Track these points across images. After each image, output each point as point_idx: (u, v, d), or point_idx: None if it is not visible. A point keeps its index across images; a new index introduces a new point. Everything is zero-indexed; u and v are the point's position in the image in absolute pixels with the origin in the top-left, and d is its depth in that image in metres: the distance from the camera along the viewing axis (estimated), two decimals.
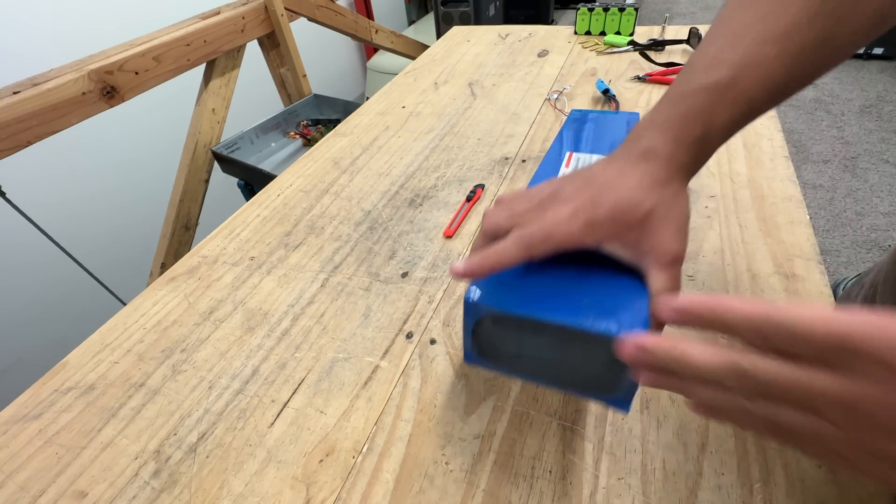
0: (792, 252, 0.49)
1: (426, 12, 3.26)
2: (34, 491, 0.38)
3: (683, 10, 3.56)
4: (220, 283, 0.56)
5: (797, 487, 0.32)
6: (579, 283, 0.27)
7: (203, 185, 1.26)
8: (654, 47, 0.96)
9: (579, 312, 0.25)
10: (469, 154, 0.73)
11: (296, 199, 0.69)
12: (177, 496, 0.36)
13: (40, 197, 1.32)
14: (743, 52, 0.29)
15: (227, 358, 0.47)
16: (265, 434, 0.40)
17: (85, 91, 0.91)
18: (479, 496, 0.34)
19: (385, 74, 2.33)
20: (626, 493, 0.33)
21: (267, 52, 1.38)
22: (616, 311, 0.24)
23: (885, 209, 1.69)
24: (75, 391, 0.45)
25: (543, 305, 0.26)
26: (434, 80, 1.00)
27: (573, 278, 0.27)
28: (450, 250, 0.56)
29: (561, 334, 0.25)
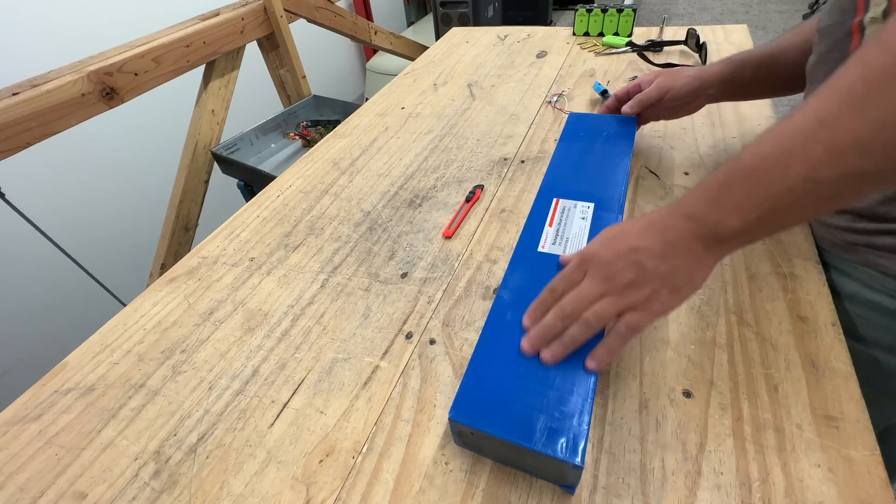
0: (790, 252, 0.49)
1: (425, 13, 3.26)
2: (34, 492, 0.38)
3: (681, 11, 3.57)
4: (220, 284, 0.56)
5: (796, 487, 0.32)
6: (542, 397, 0.34)
7: (203, 185, 1.26)
8: (652, 48, 0.97)
9: (533, 435, 0.32)
10: (468, 155, 0.74)
11: (295, 200, 0.69)
12: (177, 497, 0.36)
13: (40, 198, 1.32)
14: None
15: (227, 358, 0.47)
16: (265, 434, 0.40)
17: (84, 92, 0.91)
18: (478, 496, 0.34)
19: (384, 75, 2.33)
20: (626, 493, 0.33)
21: (266, 53, 1.39)
22: (562, 432, 0.31)
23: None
24: (75, 392, 0.45)
25: (507, 426, 0.32)
26: (433, 82, 1.00)
27: (538, 392, 0.34)
28: (449, 250, 0.56)
29: (519, 447, 0.32)
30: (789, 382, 0.38)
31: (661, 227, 0.34)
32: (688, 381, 0.39)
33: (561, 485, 0.34)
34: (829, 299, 0.44)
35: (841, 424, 0.34)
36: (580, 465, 0.30)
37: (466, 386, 0.35)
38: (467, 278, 0.52)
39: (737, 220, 0.31)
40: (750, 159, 0.31)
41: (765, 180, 0.29)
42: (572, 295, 0.35)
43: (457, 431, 0.35)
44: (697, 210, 0.33)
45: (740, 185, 0.31)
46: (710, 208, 0.32)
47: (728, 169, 0.32)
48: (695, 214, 0.33)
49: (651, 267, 0.33)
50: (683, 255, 0.33)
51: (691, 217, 0.33)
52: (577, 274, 0.36)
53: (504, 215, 0.60)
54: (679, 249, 0.33)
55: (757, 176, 0.30)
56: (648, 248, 0.33)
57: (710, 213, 0.32)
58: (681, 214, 0.33)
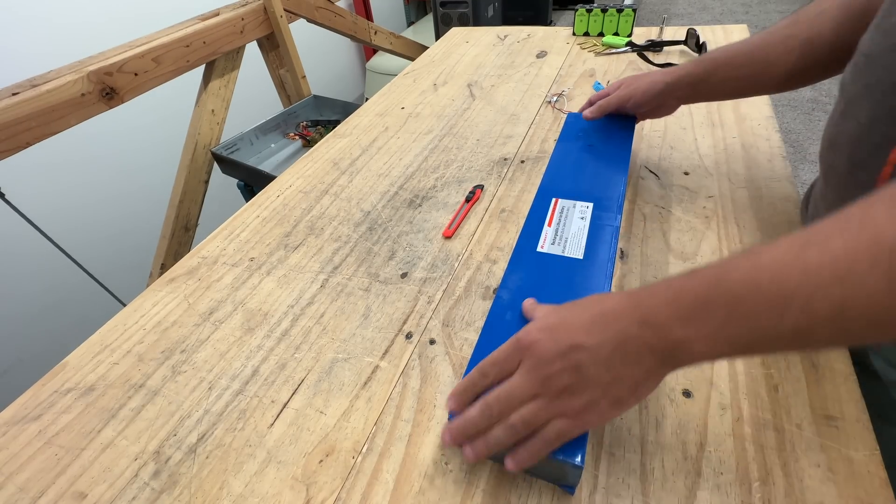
0: None
1: (425, 13, 3.26)
2: (34, 492, 0.38)
3: (681, 12, 3.57)
4: (220, 284, 0.56)
5: (795, 487, 0.32)
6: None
7: (203, 185, 1.26)
8: (652, 48, 0.97)
9: None
10: (468, 155, 0.74)
11: (295, 200, 0.69)
12: (176, 497, 0.36)
13: (40, 198, 1.32)
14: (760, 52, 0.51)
15: (226, 359, 0.47)
16: (265, 434, 0.40)
17: (84, 92, 0.91)
18: (478, 496, 0.34)
19: (384, 75, 2.33)
20: (626, 493, 0.33)
21: (266, 53, 1.39)
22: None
23: None
24: (75, 392, 0.45)
25: None
26: (433, 82, 1.00)
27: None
28: (449, 251, 0.56)
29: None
30: (789, 382, 0.38)
31: (613, 325, 0.29)
32: (688, 381, 0.39)
33: (561, 485, 0.34)
34: None
35: (841, 424, 0.34)
36: (580, 465, 0.30)
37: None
38: (467, 278, 0.52)
39: (705, 345, 0.26)
40: (740, 284, 0.25)
41: (752, 317, 0.24)
42: (502, 391, 0.31)
43: None
44: (660, 320, 0.27)
45: (720, 310, 0.25)
46: (676, 323, 0.26)
47: (709, 283, 0.26)
48: (655, 323, 0.27)
49: (592, 374, 0.28)
50: (632, 366, 0.28)
51: (650, 325, 0.27)
52: (511, 361, 0.31)
53: (504, 215, 0.60)
54: (628, 358, 0.28)
55: (744, 308, 0.24)
56: (593, 349, 0.28)
57: (676, 329, 0.26)
58: (638, 318, 0.28)
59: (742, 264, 0.25)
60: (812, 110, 2.25)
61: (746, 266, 0.25)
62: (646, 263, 0.50)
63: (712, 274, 0.26)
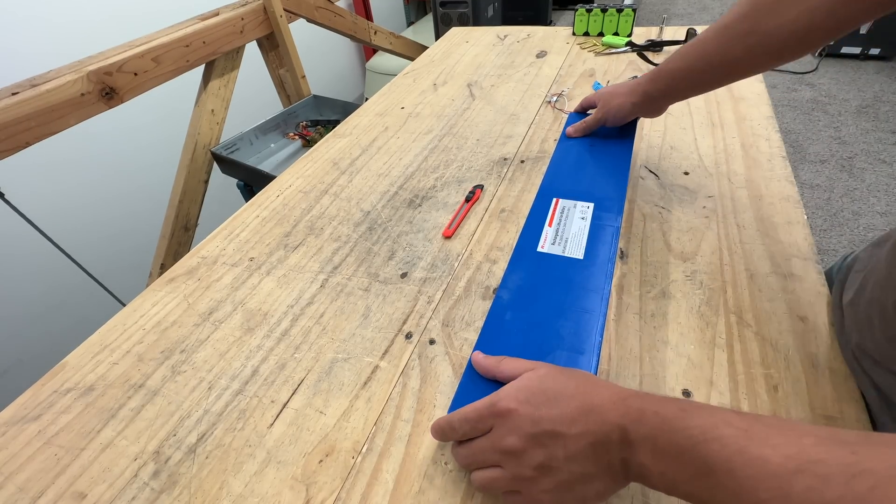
0: (790, 252, 0.49)
1: (425, 13, 3.26)
2: (33, 492, 0.38)
3: (681, 11, 3.57)
4: (220, 284, 0.56)
5: None
6: None
7: (202, 185, 1.26)
8: (652, 48, 0.97)
9: None
10: (468, 155, 0.74)
11: (295, 200, 0.69)
12: (176, 497, 0.36)
13: (39, 198, 1.32)
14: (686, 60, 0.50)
15: (226, 358, 0.47)
16: (265, 434, 0.40)
17: (84, 92, 0.91)
18: (478, 496, 0.34)
19: (384, 75, 2.33)
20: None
21: (266, 53, 1.39)
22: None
23: (881, 209, 1.69)
24: (74, 392, 0.45)
25: None
26: (433, 81, 1.00)
27: None
28: (449, 250, 0.56)
29: None
30: (789, 382, 0.38)
31: (595, 426, 0.27)
32: (688, 381, 0.39)
33: None
34: (828, 299, 0.44)
35: (841, 424, 0.34)
36: None
37: (465, 385, 0.35)
38: (467, 278, 0.52)
39: (662, 484, 0.26)
40: (719, 459, 0.23)
41: (714, 491, 0.23)
42: (468, 451, 0.32)
43: None
44: (637, 442, 0.26)
45: (689, 467, 0.24)
46: (649, 454, 0.26)
47: (693, 440, 0.24)
48: (632, 443, 0.26)
49: (563, 467, 0.28)
50: (601, 474, 0.27)
51: (631, 447, 0.26)
52: (483, 423, 0.31)
53: (504, 215, 0.60)
54: (600, 461, 0.27)
55: (711, 481, 0.23)
56: (571, 442, 0.28)
57: (646, 458, 0.26)
58: (620, 431, 0.27)
59: (732, 438, 0.23)
60: (811, 111, 2.26)
61: (734, 443, 0.23)
62: (646, 263, 0.50)
63: (700, 430, 0.24)
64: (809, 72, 2.53)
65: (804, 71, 2.54)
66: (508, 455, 0.29)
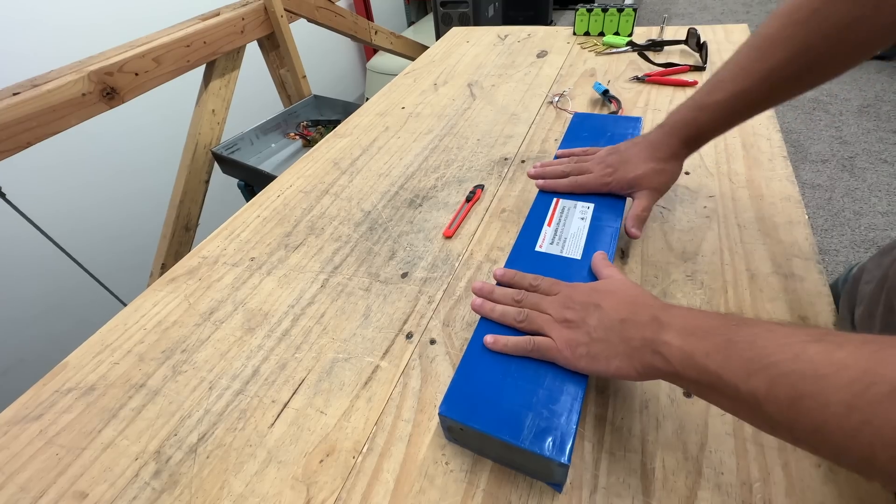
0: (790, 252, 0.49)
1: (425, 13, 3.26)
2: (34, 492, 0.38)
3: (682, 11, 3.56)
4: (221, 284, 0.56)
5: (796, 486, 0.32)
6: (532, 395, 0.34)
7: (203, 185, 1.26)
8: (653, 48, 0.97)
9: (521, 432, 0.32)
10: (468, 155, 0.74)
11: (296, 200, 0.69)
12: (177, 497, 0.36)
13: (40, 198, 1.32)
14: (740, 83, 0.42)
15: (227, 358, 0.47)
16: (265, 434, 0.40)
17: (85, 92, 0.91)
18: (478, 496, 0.34)
19: (384, 75, 2.33)
20: (626, 493, 0.33)
21: (267, 53, 1.39)
22: (549, 430, 0.31)
23: (883, 209, 1.69)
24: (76, 392, 0.45)
25: (495, 422, 0.32)
26: (433, 81, 1.00)
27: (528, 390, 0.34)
28: (449, 250, 0.56)
29: (507, 444, 0.32)
30: None
31: (630, 309, 0.33)
32: None
33: (548, 482, 0.34)
34: (830, 299, 0.44)
35: None
36: (566, 463, 0.30)
37: (457, 382, 0.35)
38: (468, 278, 0.52)
39: (679, 357, 0.28)
40: (740, 335, 0.26)
41: (728, 361, 0.26)
42: (535, 298, 0.39)
43: (447, 427, 0.36)
44: (673, 327, 0.30)
45: (710, 340, 0.27)
46: (684, 337, 0.29)
47: (722, 320, 0.28)
48: (666, 328, 0.30)
49: (592, 325, 0.34)
50: (621, 340, 0.32)
51: (659, 325, 0.30)
52: (555, 287, 0.39)
53: (504, 215, 0.60)
54: (624, 333, 0.32)
55: (728, 352, 0.26)
56: (606, 311, 0.34)
57: (680, 340, 0.29)
58: (651, 317, 0.31)
59: (757, 325, 0.27)
60: (813, 110, 2.25)
61: (757, 326, 0.27)
62: (646, 263, 0.50)
63: (731, 317, 0.29)
64: None
65: None
66: (559, 304, 0.37)
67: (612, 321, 0.33)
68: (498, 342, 0.37)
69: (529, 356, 0.36)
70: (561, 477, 0.32)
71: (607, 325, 0.33)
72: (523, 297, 0.39)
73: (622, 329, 0.32)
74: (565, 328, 0.35)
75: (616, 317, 0.33)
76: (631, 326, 0.32)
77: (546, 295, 0.39)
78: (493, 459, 0.36)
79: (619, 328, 0.33)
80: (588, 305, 0.35)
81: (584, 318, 0.35)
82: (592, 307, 0.35)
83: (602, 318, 0.34)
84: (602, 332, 0.33)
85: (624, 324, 0.33)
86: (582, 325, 0.34)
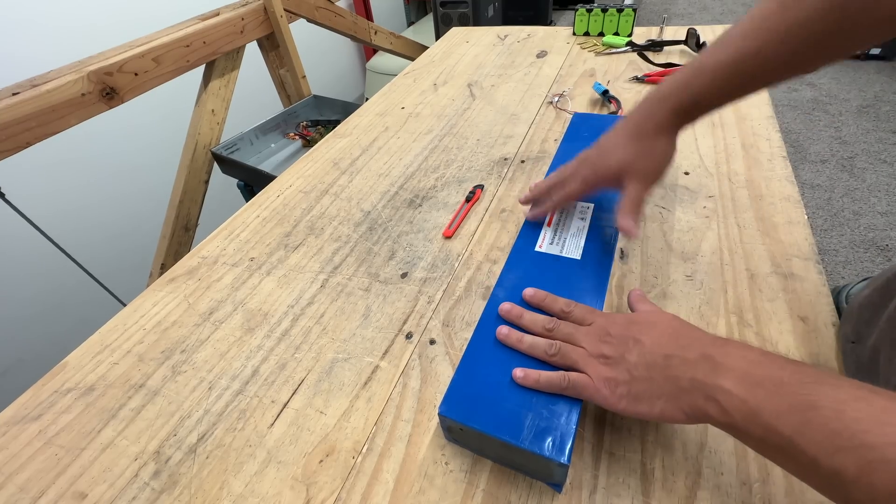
0: (790, 252, 0.49)
1: (425, 13, 3.26)
2: (34, 492, 0.38)
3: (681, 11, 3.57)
4: (220, 284, 0.56)
5: (795, 487, 0.32)
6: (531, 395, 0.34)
7: (203, 185, 1.26)
8: (653, 48, 0.97)
9: (521, 432, 0.31)
10: (468, 155, 0.74)
11: (295, 200, 0.69)
12: (177, 497, 0.36)
13: (40, 198, 1.32)
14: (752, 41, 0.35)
15: (226, 359, 0.47)
16: (265, 434, 0.40)
17: (84, 92, 0.91)
18: (478, 496, 0.34)
19: (384, 75, 2.33)
20: (626, 493, 0.33)
21: (266, 53, 1.39)
22: (549, 430, 0.31)
23: (882, 209, 1.69)
24: (75, 392, 0.45)
25: (495, 422, 0.32)
26: (433, 81, 1.00)
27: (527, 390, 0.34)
28: (449, 251, 0.56)
29: (506, 444, 0.32)
30: None
31: (677, 344, 0.30)
32: None
33: (548, 482, 0.34)
34: (829, 299, 0.44)
35: None
36: (566, 463, 0.30)
37: (457, 382, 0.35)
38: (467, 278, 0.52)
39: (761, 420, 0.24)
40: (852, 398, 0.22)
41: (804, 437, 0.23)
42: (568, 329, 0.36)
43: (446, 427, 0.36)
44: (733, 372, 0.26)
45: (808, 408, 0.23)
46: (748, 388, 0.25)
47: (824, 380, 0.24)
48: (723, 372, 0.27)
49: (632, 362, 0.31)
50: (664, 380, 0.29)
51: (715, 368, 0.27)
52: (589, 317, 0.36)
53: (504, 215, 0.60)
54: (668, 372, 0.29)
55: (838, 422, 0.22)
56: (648, 346, 0.31)
57: (743, 390, 0.25)
58: (703, 355, 0.28)
59: (841, 387, 0.23)
60: (812, 110, 2.25)
61: (842, 390, 0.23)
62: (646, 263, 0.50)
63: (805, 369, 0.25)
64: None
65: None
66: (596, 337, 0.34)
67: (654, 357, 0.30)
68: (528, 377, 0.34)
69: (564, 394, 0.33)
70: (561, 477, 0.32)
71: (650, 362, 0.30)
72: (555, 325, 0.36)
73: (667, 367, 0.29)
74: (602, 364, 0.32)
75: (660, 352, 0.30)
76: (678, 364, 0.29)
77: (579, 324, 0.36)
78: (493, 459, 0.36)
79: (662, 365, 0.29)
80: (627, 339, 0.32)
81: (623, 354, 0.32)
82: (632, 342, 0.32)
83: (644, 354, 0.31)
84: (644, 371, 0.30)
85: (669, 360, 0.29)
86: (621, 361, 0.31)
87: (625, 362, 0.31)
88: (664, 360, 0.30)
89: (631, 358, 0.31)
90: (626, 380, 0.31)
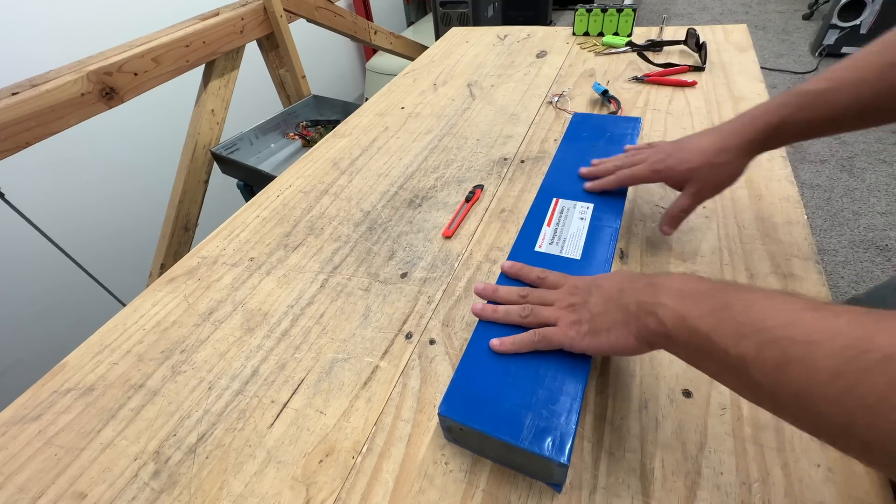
0: (790, 252, 0.49)
1: (425, 13, 3.26)
2: (33, 492, 0.38)
3: (681, 11, 3.57)
4: (220, 284, 0.56)
5: (795, 486, 0.32)
6: (531, 395, 0.34)
7: (202, 185, 1.26)
8: (652, 48, 0.97)
9: (521, 432, 0.32)
10: (468, 155, 0.74)
11: (295, 200, 0.69)
12: (176, 497, 0.36)
13: (39, 198, 1.31)
14: (851, 72, 0.38)
15: (226, 359, 0.47)
16: (265, 434, 0.40)
17: (84, 92, 0.91)
18: (478, 496, 0.34)
19: (384, 75, 2.33)
20: (626, 493, 0.33)
21: (266, 53, 1.39)
22: (549, 430, 0.31)
23: (882, 209, 1.69)
24: (74, 392, 0.45)
25: (495, 422, 0.32)
26: (433, 81, 1.00)
27: (527, 390, 0.34)
28: (449, 251, 0.56)
29: (506, 444, 0.32)
30: None
31: (627, 282, 0.34)
32: (688, 380, 0.39)
33: (548, 482, 0.34)
34: (829, 299, 0.44)
35: None
36: (566, 463, 0.30)
37: (457, 382, 0.35)
38: (467, 278, 0.52)
39: (672, 318, 0.28)
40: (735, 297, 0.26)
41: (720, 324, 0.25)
42: (541, 292, 0.39)
43: (446, 427, 0.36)
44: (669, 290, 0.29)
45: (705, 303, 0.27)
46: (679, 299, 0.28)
47: (717, 286, 0.28)
48: (662, 290, 0.30)
49: (591, 303, 0.35)
50: (618, 309, 0.33)
51: (655, 289, 0.30)
52: (562, 280, 0.39)
53: (504, 215, 0.60)
54: (620, 302, 0.33)
55: (721, 314, 0.26)
56: (604, 288, 0.35)
57: (675, 302, 0.28)
58: (647, 283, 0.32)
59: (756, 291, 0.26)
60: None
61: (756, 293, 0.26)
62: (646, 263, 0.50)
63: (731, 283, 0.29)
64: (809, 72, 2.53)
65: (804, 71, 2.54)
66: (564, 294, 0.37)
67: (610, 293, 0.34)
68: (504, 343, 0.36)
69: (537, 348, 0.36)
70: (560, 477, 0.32)
71: (606, 298, 0.34)
72: (528, 292, 0.39)
73: (619, 298, 0.33)
74: (569, 313, 0.36)
75: (615, 289, 0.34)
76: (628, 293, 0.33)
77: (552, 289, 0.39)
78: (493, 459, 0.36)
79: (616, 298, 0.33)
80: (590, 287, 0.36)
81: (586, 300, 0.35)
82: (594, 287, 0.36)
83: (601, 294, 0.35)
84: (602, 306, 0.34)
85: (622, 293, 0.33)
86: (584, 305, 0.35)
87: (587, 305, 0.35)
88: (618, 294, 0.33)
89: (591, 300, 0.35)
90: (588, 318, 0.34)
